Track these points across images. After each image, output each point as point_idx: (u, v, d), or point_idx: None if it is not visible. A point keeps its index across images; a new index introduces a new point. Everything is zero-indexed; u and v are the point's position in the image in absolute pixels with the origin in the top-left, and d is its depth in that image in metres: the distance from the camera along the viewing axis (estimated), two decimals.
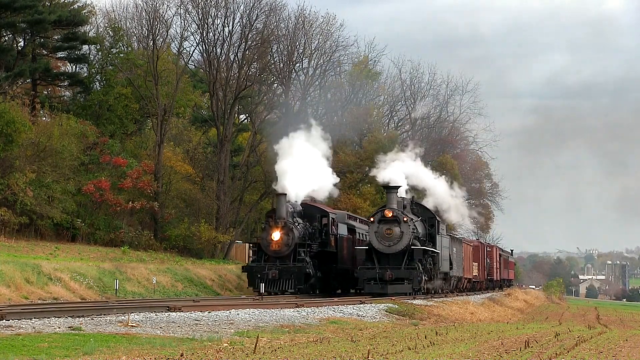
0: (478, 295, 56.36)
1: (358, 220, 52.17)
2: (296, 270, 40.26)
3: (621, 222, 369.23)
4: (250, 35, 58.06)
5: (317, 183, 45.13)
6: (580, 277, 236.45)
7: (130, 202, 50.33)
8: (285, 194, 42.07)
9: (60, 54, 57.54)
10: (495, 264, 73.45)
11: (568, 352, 18.06)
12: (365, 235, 47.86)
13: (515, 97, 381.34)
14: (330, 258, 44.37)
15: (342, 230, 46.67)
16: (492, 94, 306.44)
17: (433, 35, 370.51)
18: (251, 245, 44.62)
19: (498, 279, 76.19)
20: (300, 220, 42.74)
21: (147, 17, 55.91)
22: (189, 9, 56.85)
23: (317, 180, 45.08)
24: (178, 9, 57.07)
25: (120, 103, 56.99)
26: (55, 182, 46.92)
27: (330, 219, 44.93)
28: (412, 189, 50.66)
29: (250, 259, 42.89)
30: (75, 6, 55.01)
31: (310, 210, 44.39)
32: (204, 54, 58.27)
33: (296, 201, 43.44)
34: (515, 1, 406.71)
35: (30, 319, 19.28)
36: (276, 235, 40.68)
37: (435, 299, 41.83)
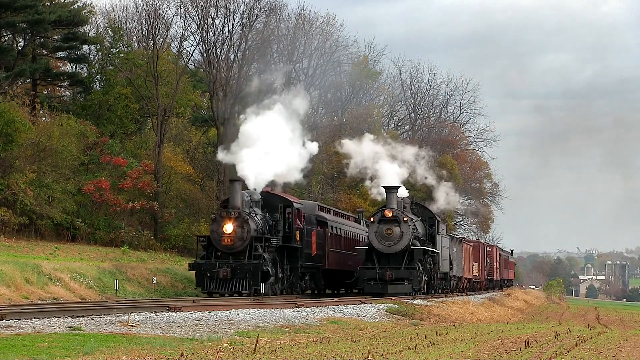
0: (478, 295, 56.35)
1: (332, 212, 48.06)
2: (252, 268, 35.15)
3: (621, 222, 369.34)
4: (250, 35, 58.06)
5: (284, 165, 40.06)
6: (580, 277, 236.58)
7: (130, 202, 50.33)
8: (240, 180, 37.37)
9: (60, 54, 57.54)
10: (495, 264, 73.47)
11: (568, 352, 18.06)
12: (339, 229, 45.88)
13: (515, 98, 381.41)
14: (295, 254, 39.56)
15: (310, 222, 41.88)
16: (492, 94, 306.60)
17: (433, 36, 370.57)
18: (200, 238, 38.53)
19: (498, 279, 76.20)
20: (258, 211, 37.73)
21: (147, 17, 55.95)
22: (189, 9, 56.90)
23: (284, 162, 39.90)
24: (178, 9, 57.16)
25: (120, 103, 57.01)
26: (55, 182, 46.92)
27: (295, 209, 39.61)
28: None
29: (199, 255, 37.67)
30: (75, 6, 54.98)
31: (271, 199, 39.12)
32: (204, 54, 58.28)
33: (255, 189, 38.47)
34: (516, 1, 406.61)
35: (30, 319, 19.28)
36: (229, 227, 35.64)
37: (435, 299, 41.83)
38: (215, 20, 57.23)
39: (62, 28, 53.88)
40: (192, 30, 58.63)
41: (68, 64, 60.24)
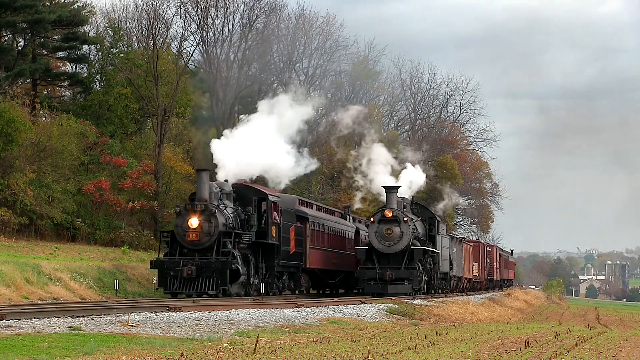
0: (478, 295, 56.35)
1: (315, 207, 45.49)
2: (219, 266, 32.06)
3: (621, 222, 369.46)
4: (250, 35, 58.08)
5: (269, 161, 37.55)
6: (580, 277, 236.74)
7: (130, 202, 50.31)
8: (207, 170, 34.28)
9: (60, 54, 57.54)
10: (495, 264, 73.49)
11: (568, 352, 18.06)
12: (322, 224, 43.76)
13: (516, 98, 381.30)
14: (271, 252, 36.63)
15: (289, 217, 39.08)
16: (493, 94, 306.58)
17: (433, 36, 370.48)
18: (163, 234, 35.42)
19: (498, 279, 76.23)
20: (229, 204, 34.76)
21: (147, 17, 55.94)
22: (189, 9, 56.91)
23: (269, 157, 37.39)
24: (178, 9, 57.14)
25: (120, 103, 57.01)
26: (55, 182, 46.92)
27: (271, 202, 36.36)
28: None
29: (163, 251, 34.27)
30: (75, 6, 55.00)
31: (244, 192, 36.11)
32: (204, 54, 58.31)
33: (226, 180, 35.55)
34: (517, 1, 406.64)
35: (30, 319, 19.27)
36: (194, 222, 32.69)
37: (435, 299, 41.84)
38: (215, 20, 57.33)
39: (62, 28, 53.88)
40: (192, 30, 58.69)
41: (68, 64, 60.24)
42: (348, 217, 50.28)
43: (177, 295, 32.33)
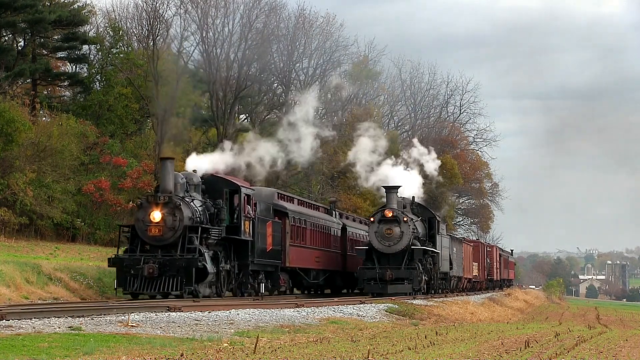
0: (478, 295, 56.35)
1: (297, 201, 43.01)
2: (184, 264, 29.40)
3: (621, 222, 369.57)
4: (250, 35, 58.11)
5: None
6: (580, 277, 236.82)
7: (130, 202, 50.29)
8: (172, 159, 31.46)
9: (60, 54, 57.57)
10: (495, 264, 73.50)
11: (568, 352, 18.06)
12: (303, 220, 41.48)
13: (516, 98, 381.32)
14: (244, 249, 33.95)
15: (265, 212, 36.67)
16: (494, 94, 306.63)
17: (434, 36, 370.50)
18: (123, 229, 32.47)
19: (498, 279, 76.23)
20: (198, 196, 32.12)
21: (147, 17, 55.96)
22: (189, 9, 56.94)
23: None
24: (178, 9, 57.16)
25: (120, 103, 56.99)
26: (55, 182, 46.92)
27: (244, 195, 33.63)
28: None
29: (124, 248, 31.55)
30: (75, 6, 55.01)
31: (214, 183, 33.46)
32: (204, 54, 58.33)
33: (195, 171, 33.03)
34: (517, 2, 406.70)
35: (30, 319, 19.26)
36: (156, 215, 29.92)
37: (435, 299, 41.85)
38: (215, 20, 57.37)
39: (62, 28, 53.91)
40: (192, 30, 58.70)
41: (68, 64, 60.26)
42: (334, 212, 48.14)
43: (138, 297, 29.97)
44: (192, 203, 31.03)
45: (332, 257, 45.91)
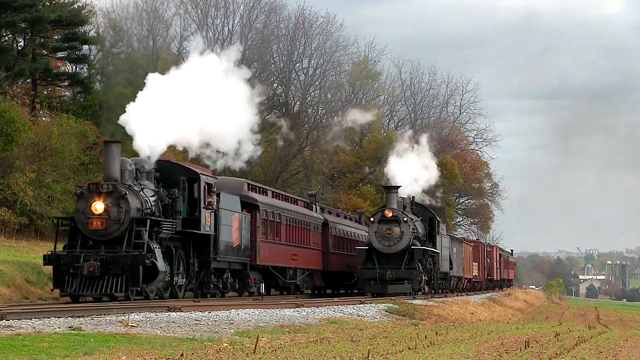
0: (478, 295, 56.37)
1: (271, 193, 39.62)
2: (129, 261, 25.92)
3: (621, 222, 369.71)
4: (250, 35, 58.14)
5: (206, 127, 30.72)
6: (580, 277, 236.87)
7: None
8: (118, 142, 27.92)
9: (60, 54, 57.55)
10: (495, 264, 73.52)
11: (568, 352, 18.06)
12: (277, 214, 38.06)
13: (517, 98, 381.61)
14: (206, 245, 30.54)
15: (231, 204, 32.91)
16: (494, 94, 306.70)
17: (434, 36, 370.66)
18: (62, 222, 28.70)
19: (498, 279, 76.25)
20: (150, 185, 28.53)
21: (147, 17, 55.99)
22: (189, 9, 56.98)
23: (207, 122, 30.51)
24: (178, 8, 57.21)
25: (120, 103, 56.90)
26: (55, 182, 46.90)
27: (204, 184, 30.09)
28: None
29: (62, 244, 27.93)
30: (75, 6, 55.01)
31: (170, 170, 29.85)
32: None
33: (148, 157, 29.22)
34: (517, 2, 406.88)
35: (30, 319, 19.26)
36: (99, 206, 26.37)
37: (435, 299, 41.86)
38: (215, 20, 57.37)
39: (62, 28, 53.89)
40: (192, 30, 58.72)
41: (68, 64, 60.26)
42: (314, 206, 44.53)
43: (79, 299, 26.62)
44: (141, 192, 27.44)
45: (311, 255, 42.57)
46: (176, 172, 29.87)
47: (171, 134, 29.85)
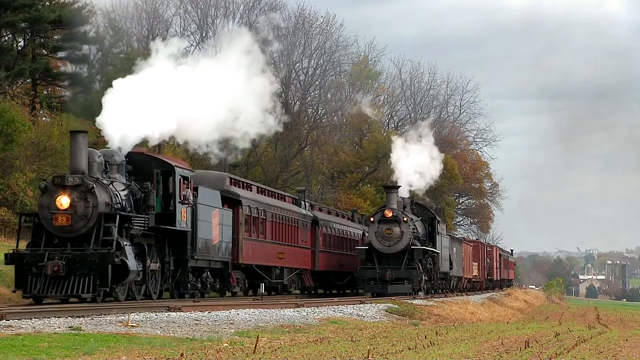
0: (478, 295, 56.38)
1: (255, 189, 37.86)
2: (97, 259, 24.23)
3: (621, 222, 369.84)
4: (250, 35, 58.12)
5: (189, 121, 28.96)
6: (580, 277, 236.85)
7: None
8: (85, 132, 25.81)
9: (60, 54, 57.55)
10: (495, 264, 73.53)
11: (568, 352, 18.06)
12: (262, 210, 36.45)
13: (517, 98, 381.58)
14: (182, 242, 28.76)
15: (211, 199, 31.09)
16: (494, 94, 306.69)
17: (434, 36, 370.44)
18: (24, 217, 27.19)
19: (498, 279, 76.26)
20: (121, 178, 26.85)
21: (147, 17, 55.99)
22: (189, 9, 56.98)
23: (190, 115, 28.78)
24: (178, 8, 57.21)
25: None
26: None
27: (179, 178, 28.29)
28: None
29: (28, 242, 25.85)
30: (75, 6, 55.01)
31: (143, 163, 28.09)
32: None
33: (120, 148, 27.29)
34: (518, 2, 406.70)
35: (30, 319, 19.26)
36: (64, 201, 24.72)
37: (435, 299, 41.88)
38: (215, 20, 57.37)
39: (62, 28, 53.90)
40: (192, 30, 58.71)
41: (68, 64, 60.26)
42: (303, 203, 43.03)
43: (42, 300, 24.77)
44: (110, 186, 25.73)
45: (299, 254, 40.96)
46: (150, 165, 28.14)
47: (162, 124, 28.36)
